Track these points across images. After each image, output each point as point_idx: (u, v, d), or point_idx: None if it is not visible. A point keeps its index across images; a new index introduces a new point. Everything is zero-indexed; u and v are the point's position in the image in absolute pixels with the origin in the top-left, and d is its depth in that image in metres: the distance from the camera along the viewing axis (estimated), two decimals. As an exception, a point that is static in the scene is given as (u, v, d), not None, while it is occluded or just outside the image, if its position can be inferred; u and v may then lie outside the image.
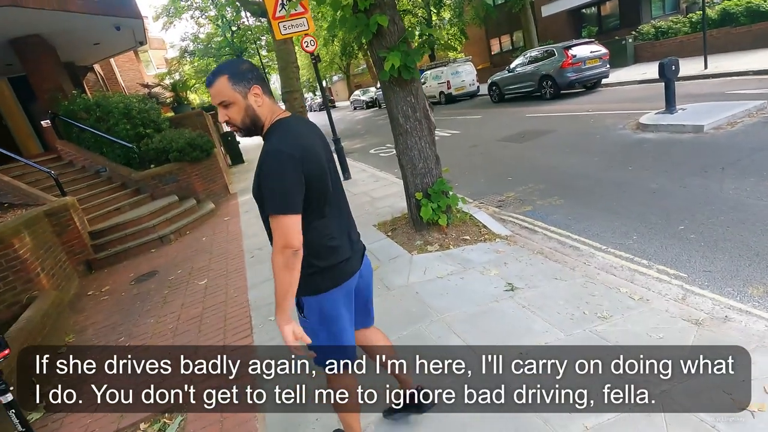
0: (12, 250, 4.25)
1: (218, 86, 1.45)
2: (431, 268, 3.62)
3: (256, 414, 2.40)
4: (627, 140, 6.44)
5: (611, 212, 4.19)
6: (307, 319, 1.64)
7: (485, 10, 20.66)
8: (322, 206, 1.55)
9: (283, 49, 11.37)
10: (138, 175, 7.71)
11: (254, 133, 1.54)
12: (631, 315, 2.56)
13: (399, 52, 3.64)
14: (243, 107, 1.47)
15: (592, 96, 11.37)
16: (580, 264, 3.34)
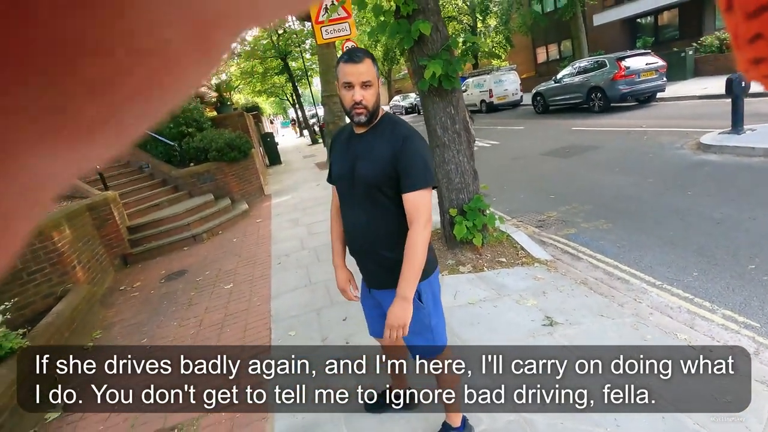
0: (51, 242, 4.37)
1: (368, 65, 1.50)
2: (462, 291, 3.38)
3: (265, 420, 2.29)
4: (685, 161, 5.91)
5: (667, 242, 3.79)
6: (424, 305, 1.67)
7: (533, 18, 20.09)
8: None
9: (325, 53, 11.43)
10: (178, 172, 7.90)
11: (372, 119, 1.56)
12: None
13: (441, 61, 3.45)
14: (377, 92, 1.54)
15: (646, 111, 10.68)
16: (629, 300, 3.00)
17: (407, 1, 3.49)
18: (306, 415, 2.33)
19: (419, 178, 1.49)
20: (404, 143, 1.50)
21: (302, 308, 3.60)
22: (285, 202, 8.21)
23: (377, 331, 1.93)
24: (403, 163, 1.49)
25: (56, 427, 2.70)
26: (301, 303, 3.70)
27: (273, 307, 3.73)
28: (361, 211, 1.62)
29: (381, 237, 1.62)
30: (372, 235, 1.63)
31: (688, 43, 15.75)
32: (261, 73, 21.10)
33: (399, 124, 1.60)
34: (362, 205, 1.61)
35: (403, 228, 1.56)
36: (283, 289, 4.08)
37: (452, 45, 3.61)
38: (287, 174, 12.15)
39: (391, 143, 1.52)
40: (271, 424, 2.33)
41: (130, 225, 6.44)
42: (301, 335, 3.15)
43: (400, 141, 1.51)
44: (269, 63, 20.37)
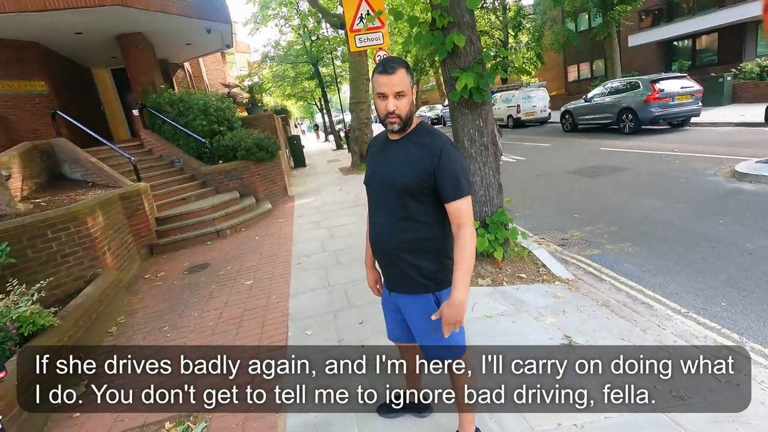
0: (85, 227, 4.56)
1: (401, 75, 1.54)
2: (480, 304, 3.36)
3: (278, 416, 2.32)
4: (719, 189, 5.74)
5: (695, 270, 3.68)
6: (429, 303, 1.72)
7: (566, 35, 19.94)
8: None
9: (357, 61, 11.66)
10: (207, 168, 8.12)
11: (406, 127, 1.62)
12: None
13: (473, 73, 3.48)
14: (411, 101, 1.60)
15: (679, 135, 10.42)
16: (653, 326, 2.92)
17: (443, 13, 3.54)
18: (318, 415, 2.35)
19: (463, 188, 1.57)
20: (443, 155, 1.56)
21: (320, 309, 3.64)
22: (308, 204, 8.32)
23: (396, 335, 1.99)
24: (446, 174, 1.56)
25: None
26: (319, 304, 3.74)
27: (291, 306, 3.79)
28: (388, 214, 1.67)
29: (405, 241, 1.66)
30: (397, 239, 1.67)
31: (727, 68, 15.35)
32: (292, 77, 21.56)
33: (435, 135, 1.64)
34: (391, 208, 1.65)
35: (427, 235, 1.65)
36: (301, 289, 4.14)
37: (485, 59, 3.63)
38: (311, 177, 12.32)
39: (428, 153, 1.57)
40: (283, 421, 2.36)
41: (159, 216, 6.65)
42: (318, 335, 3.18)
43: (439, 153, 1.56)
44: (301, 68, 20.82)
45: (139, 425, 2.48)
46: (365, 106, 11.89)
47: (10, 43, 8.19)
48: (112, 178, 6.70)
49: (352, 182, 10.29)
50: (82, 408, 2.74)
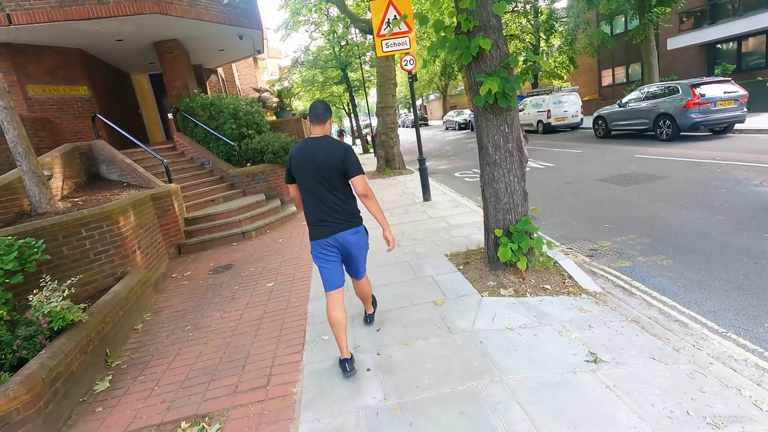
0: (117, 227, 4.73)
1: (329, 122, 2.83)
2: (501, 315, 3.25)
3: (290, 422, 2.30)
4: (764, 200, 5.38)
5: (736, 287, 3.45)
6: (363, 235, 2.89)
7: (600, 39, 19.36)
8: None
9: (384, 66, 11.69)
10: (235, 171, 8.31)
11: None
12: (756, 430, 1.99)
13: (498, 78, 3.39)
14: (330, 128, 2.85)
15: (720, 142, 9.88)
16: (687, 346, 2.74)
17: (468, 17, 3.48)
18: (331, 420, 2.32)
19: (358, 169, 2.68)
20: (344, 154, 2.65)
21: (338, 314, 3.62)
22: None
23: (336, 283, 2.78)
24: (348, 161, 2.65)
25: (102, 398, 2.89)
26: (337, 308, 3.73)
27: (310, 310, 3.79)
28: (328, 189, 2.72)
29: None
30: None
31: (776, 72, 14.49)
32: (321, 82, 21.86)
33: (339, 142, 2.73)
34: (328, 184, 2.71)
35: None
36: (321, 293, 4.12)
37: (512, 63, 3.54)
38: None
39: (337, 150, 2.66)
40: (295, 425, 2.34)
41: (187, 217, 6.84)
42: (334, 341, 3.16)
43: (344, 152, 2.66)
44: (329, 73, 21.08)
45: (157, 423, 2.52)
46: (392, 110, 11.89)
47: (57, 50, 8.67)
48: (145, 179, 6.95)
49: (376, 186, 10.29)
50: (105, 403, 2.82)
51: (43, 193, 5.17)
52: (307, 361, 2.95)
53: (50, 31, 7.77)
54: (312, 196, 2.69)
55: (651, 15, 15.64)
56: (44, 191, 5.19)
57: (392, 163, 12.11)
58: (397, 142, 12.27)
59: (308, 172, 2.64)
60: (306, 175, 2.65)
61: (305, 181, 2.67)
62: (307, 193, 2.70)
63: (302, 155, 2.65)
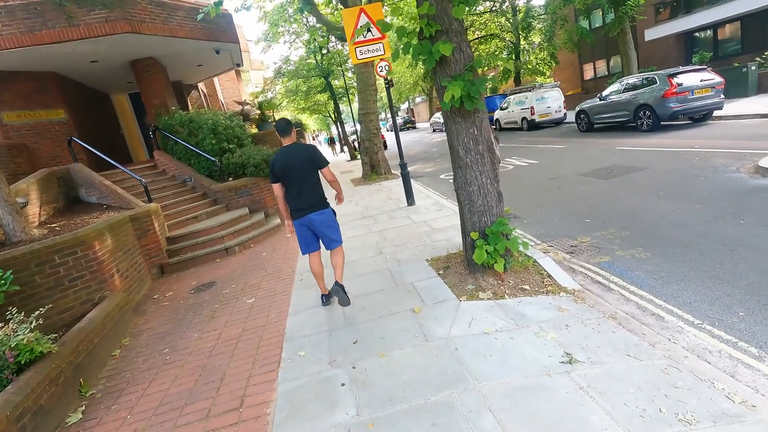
0: (92, 251, 4.66)
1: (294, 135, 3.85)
2: (479, 319, 3.22)
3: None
4: (741, 186, 5.41)
5: (712, 276, 3.45)
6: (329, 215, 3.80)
7: (579, 34, 19.55)
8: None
9: (364, 72, 11.70)
10: (217, 186, 8.25)
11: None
12: (729, 425, 1.97)
13: (462, 82, 3.39)
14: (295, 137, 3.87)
15: (700, 130, 9.97)
16: (662, 340, 2.73)
17: (430, 22, 3.48)
18: (303, 442, 2.28)
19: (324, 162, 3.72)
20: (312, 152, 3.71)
21: (316, 327, 3.58)
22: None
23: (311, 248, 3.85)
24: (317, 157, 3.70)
25: (74, 430, 2.81)
26: (316, 322, 3.69)
27: (288, 325, 3.74)
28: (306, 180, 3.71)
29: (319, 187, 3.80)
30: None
31: (752, 57, 14.69)
32: (304, 92, 21.85)
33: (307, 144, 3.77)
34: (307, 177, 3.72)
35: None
36: (300, 307, 4.09)
37: (476, 65, 3.54)
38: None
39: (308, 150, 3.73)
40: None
41: (169, 236, 6.76)
42: (310, 356, 3.12)
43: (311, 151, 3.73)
44: (312, 82, 21.08)
45: (126, 454, 2.45)
46: (374, 116, 11.90)
47: (31, 74, 8.59)
48: (125, 200, 6.87)
49: (362, 193, 10.26)
50: (75, 436, 2.75)
51: (17, 222, 5.09)
52: (282, 378, 2.90)
53: (22, 56, 7.69)
54: (293, 189, 3.65)
55: (625, 8, 15.82)
56: (18, 219, 5.10)
57: (378, 169, 12.09)
58: (381, 147, 12.27)
59: (290, 171, 3.60)
60: (288, 174, 3.60)
61: (288, 179, 3.61)
62: (289, 188, 3.66)
63: (283, 160, 3.60)
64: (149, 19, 8.07)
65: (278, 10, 16.26)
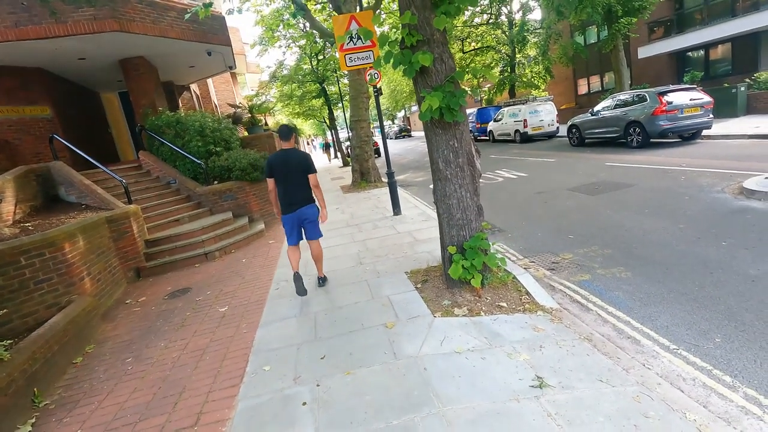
0: (61, 253, 4.51)
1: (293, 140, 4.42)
2: (451, 337, 3.13)
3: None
4: (724, 207, 5.39)
5: (691, 299, 3.38)
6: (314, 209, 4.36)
7: (574, 49, 19.73)
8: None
9: (356, 79, 11.66)
10: (202, 189, 8.12)
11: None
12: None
13: (442, 93, 3.32)
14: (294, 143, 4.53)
15: (688, 148, 10.03)
16: (636, 365, 2.65)
17: (412, 31, 3.42)
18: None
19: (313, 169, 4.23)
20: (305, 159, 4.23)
21: (285, 340, 3.46)
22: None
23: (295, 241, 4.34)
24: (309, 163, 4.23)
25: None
26: (286, 335, 3.57)
27: (257, 337, 3.62)
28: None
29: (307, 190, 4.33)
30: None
31: (742, 78, 14.88)
32: (299, 97, 21.80)
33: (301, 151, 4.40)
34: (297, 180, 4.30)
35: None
36: (272, 318, 3.97)
37: (457, 77, 3.48)
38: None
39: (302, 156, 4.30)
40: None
41: (149, 239, 6.61)
42: (275, 371, 3.00)
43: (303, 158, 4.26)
44: (307, 87, 21.04)
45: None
46: (365, 124, 11.84)
47: (14, 69, 8.43)
48: (104, 201, 6.71)
49: (350, 200, 10.17)
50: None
51: (-14, 220, 4.93)
52: (242, 395, 2.78)
53: (7, 50, 7.55)
54: (285, 186, 4.19)
55: (618, 25, 15.99)
56: (-13, 218, 4.94)
57: (367, 177, 12.02)
58: (371, 155, 12.20)
59: (284, 171, 4.14)
60: (282, 173, 4.15)
61: (281, 177, 4.16)
62: (281, 185, 4.19)
63: (280, 160, 4.17)
64: (139, 18, 7.98)
65: (274, 15, 16.23)
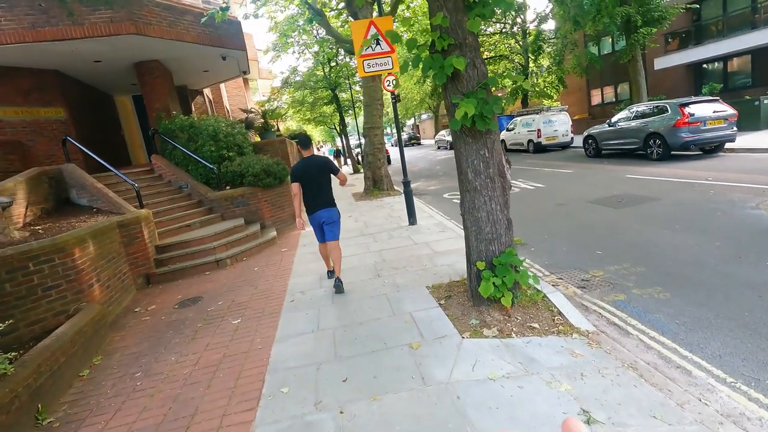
0: (71, 259, 4.37)
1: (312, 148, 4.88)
2: (483, 362, 2.90)
3: None
4: (763, 225, 5.12)
5: (741, 325, 3.13)
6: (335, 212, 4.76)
7: (588, 59, 19.51)
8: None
9: (371, 86, 11.55)
10: (214, 194, 7.99)
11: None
12: None
13: (475, 99, 3.14)
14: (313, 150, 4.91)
15: (712, 161, 9.73)
16: (692, 399, 2.41)
17: (443, 35, 3.25)
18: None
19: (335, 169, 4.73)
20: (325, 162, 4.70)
21: (303, 359, 3.26)
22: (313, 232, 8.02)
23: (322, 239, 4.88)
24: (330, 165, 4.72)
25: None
26: (303, 352, 3.36)
27: (273, 354, 3.42)
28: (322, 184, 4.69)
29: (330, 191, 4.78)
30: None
31: (762, 91, 14.55)
32: (310, 103, 21.79)
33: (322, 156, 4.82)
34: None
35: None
36: (288, 332, 3.77)
37: (490, 83, 3.29)
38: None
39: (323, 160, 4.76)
40: None
41: (159, 244, 6.47)
42: (294, 394, 2.79)
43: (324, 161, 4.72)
44: (320, 93, 21.03)
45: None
46: (379, 131, 11.70)
47: (31, 71, 8.41)
48: (116, 205, 6.60)
49: (362, 208, 9.99)
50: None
51: (-3, 223, 4.81)
52: (260, 421, 2.57)
53: (24, 52, 7.52)
54: (310, 191, 4.60)
55: (637, 36, 15.77)
56: (-3, 220, 4.82)
57: (380, 185, 11.84)
58: (384, 162, 12.04)
59: (308, 177, 4.57)
60: (307, 178, 4.57)
61: (307, 182, 4.57)
62: (307, 189, 4.59)
63: (304, 168, 4.59)
64: (155, 22, 7.92)
65: (289, 21, 16.25)
